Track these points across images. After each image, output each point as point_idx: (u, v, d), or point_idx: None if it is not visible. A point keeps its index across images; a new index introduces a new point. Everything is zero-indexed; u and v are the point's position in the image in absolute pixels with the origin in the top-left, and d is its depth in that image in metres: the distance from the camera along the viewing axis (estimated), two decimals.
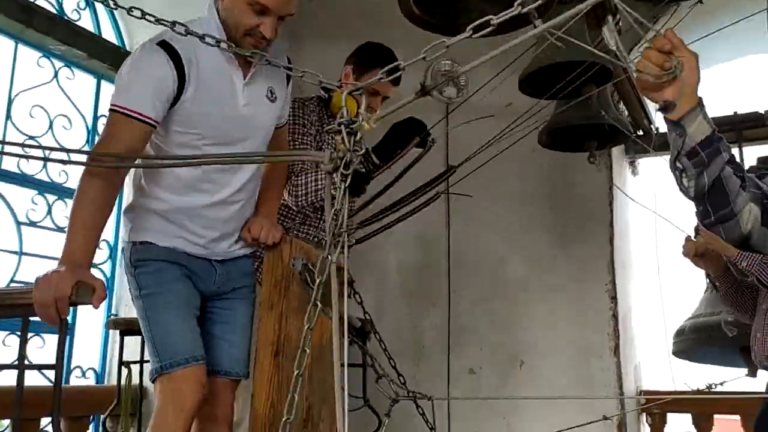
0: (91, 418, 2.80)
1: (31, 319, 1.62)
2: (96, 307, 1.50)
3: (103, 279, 1.69)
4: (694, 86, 1.24)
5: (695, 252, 2.08)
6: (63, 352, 1.37)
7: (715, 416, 3.24)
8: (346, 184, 1.24)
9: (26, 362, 1.42)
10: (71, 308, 1.46)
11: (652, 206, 3.65)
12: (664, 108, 1.26)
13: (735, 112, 3.22)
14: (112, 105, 1.63)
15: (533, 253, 3.26)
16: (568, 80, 2.18)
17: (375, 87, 2.23)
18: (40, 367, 1.90)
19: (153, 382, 1.78)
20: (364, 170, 2.11)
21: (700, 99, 1.27)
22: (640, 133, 3.24)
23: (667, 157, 1.36)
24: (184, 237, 1.78)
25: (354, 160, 1.20)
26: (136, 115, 1.60)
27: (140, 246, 1.77)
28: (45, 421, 2.64)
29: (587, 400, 3.04)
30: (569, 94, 2.29)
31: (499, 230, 3.30)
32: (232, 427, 1.93)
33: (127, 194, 1.80)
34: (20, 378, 1.41)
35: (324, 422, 1.92)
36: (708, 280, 2.87)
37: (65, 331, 1.40)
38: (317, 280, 1.60)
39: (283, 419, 1.59)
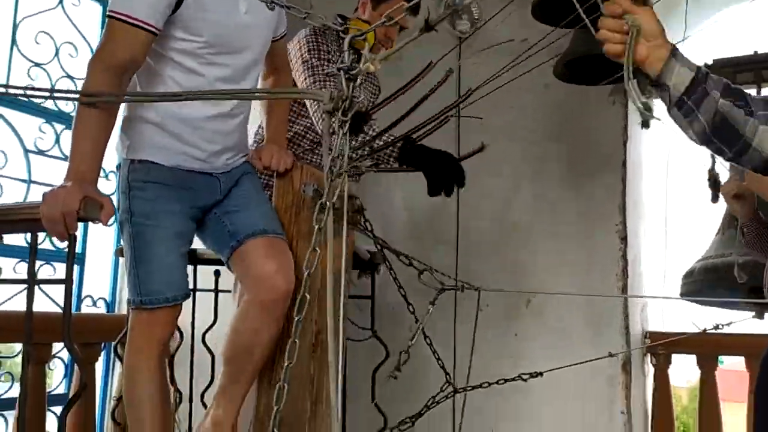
0: (102, 345, 2.84)
1: (40, 247, 1.61)
2: (105, 224, 1.49)
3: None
4: (658, 37, 1.25)
5: (734, 193, 2.09)
6: (72, 267, 1.37)
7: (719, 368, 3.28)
8: (344, 130, 1.20)
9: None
10: (81, 237, 1.45)
11: (667, 147, 3.62)
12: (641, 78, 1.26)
13: (755, 52, 3.13)
14: (110, 12, 1.57)
15: (543, 193, 3.22)
16: (588, 6, 2.11)
17: (393, 16, 2.17)
18: (49, 282, 1.91)
19: (131, 308, 1.78)
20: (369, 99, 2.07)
21: (673, 47, 1.27)
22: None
23: None
24: (185, 152, 1.74)
25: (353, 107, 1.17)
26: (136, 23, 1.55)
27: (139, 165, 1.73)
28: (57, 346, 2.68)
29: (594, 339, 3.07)
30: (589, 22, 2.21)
31: (509, 169, 3.27)
32: (287, 301, 1.81)
33: (125, 106, 1.74)
34: (30, 294, 1.41)
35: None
36: (722, 224, 2.86)
37: (74, 246, 1.39)
38: (315, 226, 1.59)
39: (285, 364, 1.61)
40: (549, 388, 3.05)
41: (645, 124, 1.29)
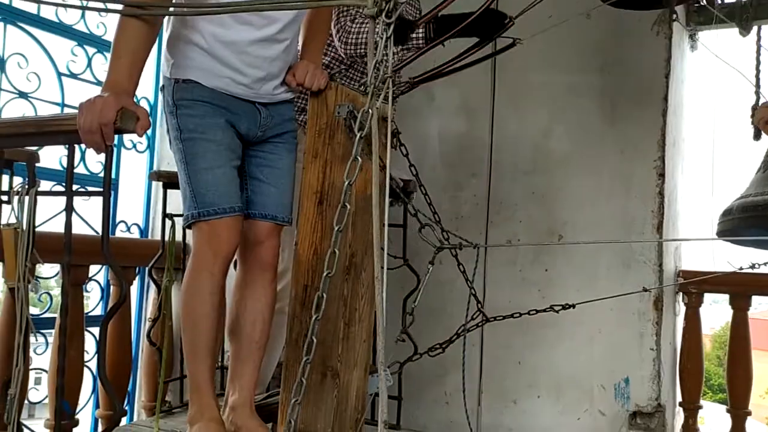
0: (137, 270, 2.89)
1: (75, 172, 1.60)
2: (140, 135, 1.48)
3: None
4: None
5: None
6: (110, 178, 1.37)
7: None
8: (389, 34, 1.16)
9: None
10: (114, 162, 1.44)
11: (710, 83, 3.50)
12: None
13: None
14: None
15: (580, 126, 3.15)
16: None
17: None
18: (88, 194, 1.92)
19: (188, 227, 1.80)
20: (411, 18, 2.01)
21: None
22: (704, 2, 3.03)
23: (730, 31, 1.29)
24: (229, 77, 1.73)
25: (398, 9, 1.12)
26: None
27: (183, 84, 1.72)
28: (93, 270, 2.73)
29: (626, 276, 3.03)
30: None
31: (546, 101, 3.19)
32: (276, 273, 1.95)
33: (169, 25, 1.72)
34: (69, 204, 1.41)
35: (366, 271, 1.93)
36: (764, 162, 2.77)
37: (111, 158, 1.39)
38: (357, 134, 1.56)
39: (324, 274, 1.61)
40: (578, 323, 3.06)
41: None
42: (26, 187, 1.45)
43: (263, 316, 1.89)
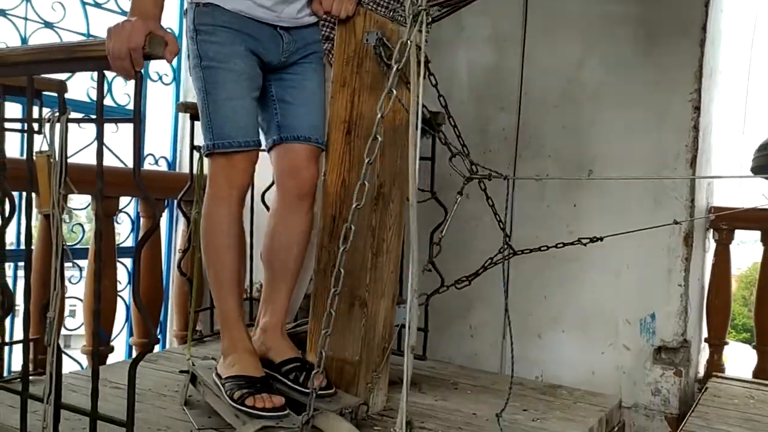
0: (165, 203, 2.92)
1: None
2: (169, 61, 1.46)
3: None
4: None
5: None
6: (140, 104, 1.35)
7: None
8: None
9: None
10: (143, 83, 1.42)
11: (748, 14, 3.35)
12: None
13: None
14: None
15: (614, 57, 3.05)
16: None
17: None
18: (119, 120, 1.92)
19: (206, 156, 1.80)
20: None
21: None
22: None
23: None
24: None
25: None
26: None
27: (204, 8, 1.69)
28: (123, 201, 2.76)
29: (656, 212, 2.99)
30: None
31: (579, 31, 3.08)
32: (314, 201, 1.93)
33: None
34: (100, 131, 1.41)
35: (394, 202, 1.93)
36: None
37: (140, 84, 1.37)
38: (394, 66, 1.52)
39: (353, 205, 1.60)
40: (605, 259, 3.04)
41: None
42: (57, 114, 1.44)
43: (298, 244, 1.90)
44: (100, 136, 1.36)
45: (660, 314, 3.01)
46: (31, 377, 1.71)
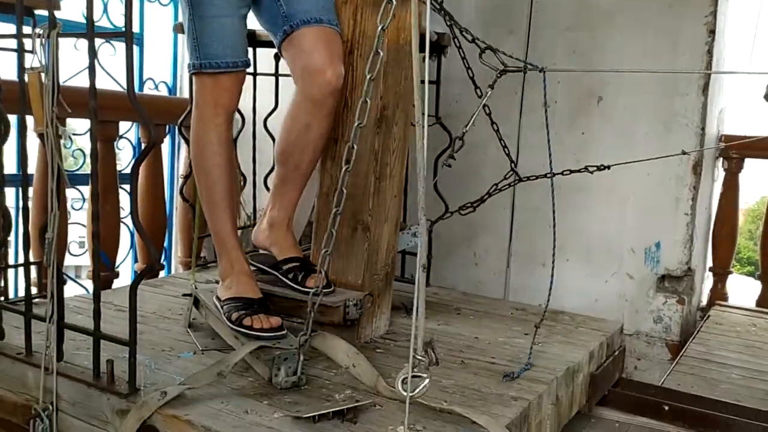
0: (167, 128, 2.88)
1: (98, 24, 1.51)
2: None
3: None
4: None
5: None
6: (131, 15, 1.29)
7: None
8: None
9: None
10: (138, 17, 1.35)
11: None
12: None
13: None
14: None
15: None
16: None
17: None
18: (112, 35, 1.86)
19: (192, 75, 1.74)
20: None
21: None
22: None
23: None
24: None
25: None
26: None
27: None
28: (124, 127, 2.72)
29: (666, 141, 2.93)
30: None
31: None
32: (335, 100, 1.79)
33: None
34: (91, 48, 1.36)
35: (398, 125, 1.89)
36: None
37: None
38: None
39: (355, 125, 1.56)
40: (612, 188, 3.00)
41: None
42: (48, 29, 1.39)
43: (314, 147, 1.82)
44: (91, 50, 1.32)
45: (665, 243, 2.99)
46: (37, 300, 1.72)
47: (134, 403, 1.36)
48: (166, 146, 2.95)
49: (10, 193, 2.04)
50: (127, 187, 2.80)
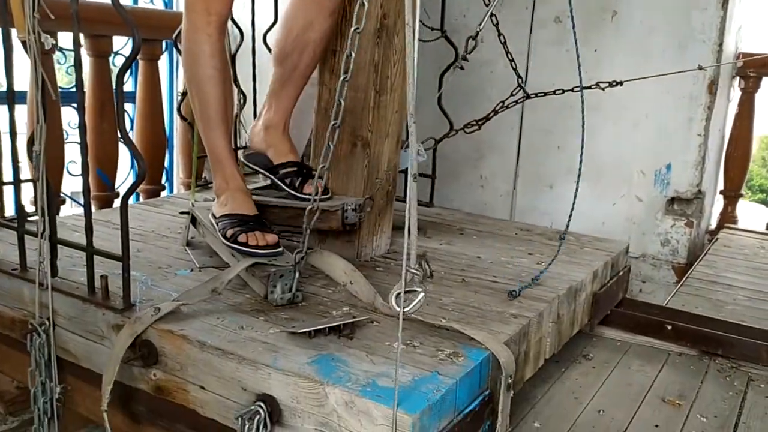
0: (164, 45, 2.79)
1: None
2: None
3: None
4: None
5: None
6: None
7: None
8: None
9: None
10: None
11: None
12: None
13: None
14: None
15: None
16: None
17: None
18: None
19: None
20: None
21: None
22: None
23: None
24: None
25: None
26: None
27: None
28: (120, 43, 2.63)
29: (682, 58, 2.81)
30: None
31: None
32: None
33: None
34: None
35: (399, 36, 1.80)
36: None
37: None
38: None
39: (352, 29, 1.48)
40: (624, 107, 2.91)
41: None
42: None
43: (314, 48, 1.74)
44: None
45: (676, 164, 2.92)
46: (36, 218, 1.70)
47: (129, 318, 1.34)
48: (164, 63, 2.86)
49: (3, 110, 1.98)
50: (126, 105, 2.74)
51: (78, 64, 1.36)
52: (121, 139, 1.79)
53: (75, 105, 2.52)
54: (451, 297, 1.59)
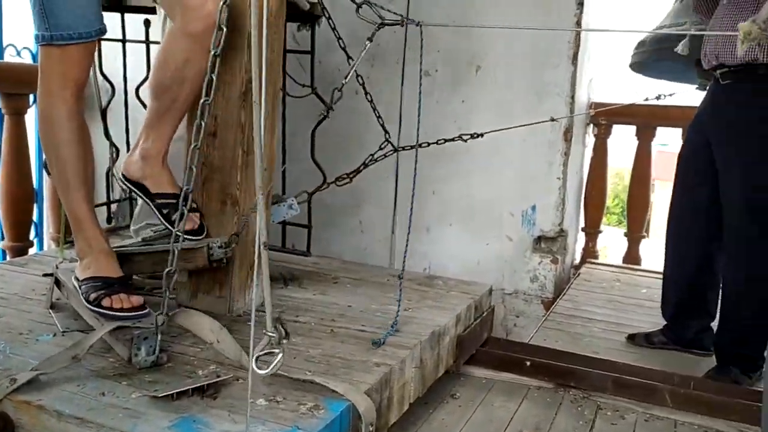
0: (32, 98, 2.73)
1: None
2: None
3: None
4: None
5: None
6: None
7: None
8: None
9: None
10: None
11: None
12: None
13: None
14: None
15: None
16: None
17: None
18: None
19: (39, 45, 1.65)
20: None
21: None
22: None
23: None
24: None
25: None
26: None
27: None
28: None
29: (540, 107, 3.06)
30: None
31: None
32: (212, 33, 1.65)
33: None
34: None
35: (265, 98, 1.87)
36: None
37: None
38: None
39: (201, 101, 1.54)
40: (491, 154, 3.11)
41: None
42: None
43: (192, 81, 1.70)
44: None
45: (540, 205, 3.15)
46: None
47: None
48: (31, 118, 2.79)
49: None
50: None
51: None
52: None
53: None
54: (318, 348, 1.64)
